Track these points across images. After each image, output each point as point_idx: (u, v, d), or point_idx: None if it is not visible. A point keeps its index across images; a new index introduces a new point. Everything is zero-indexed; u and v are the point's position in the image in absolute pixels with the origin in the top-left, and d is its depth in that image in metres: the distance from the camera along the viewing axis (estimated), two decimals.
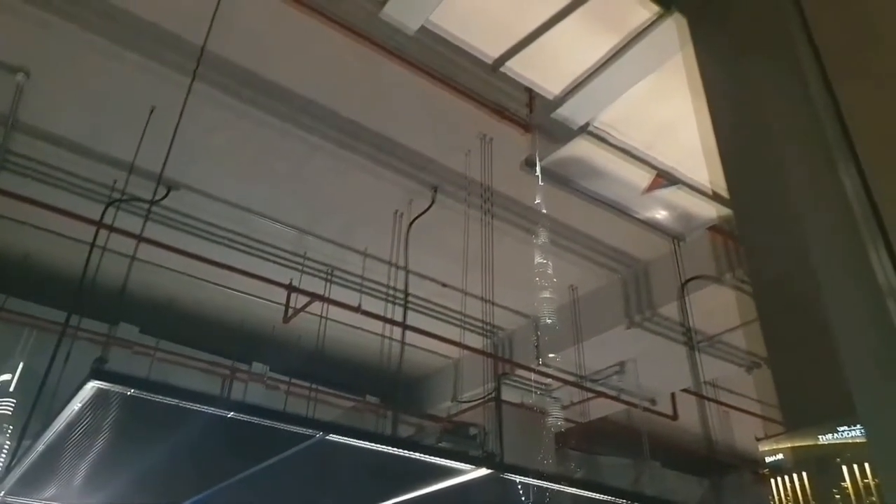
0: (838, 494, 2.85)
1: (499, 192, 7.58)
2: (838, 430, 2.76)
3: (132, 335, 9.38)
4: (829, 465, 2.87)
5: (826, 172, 2.92)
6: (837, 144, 2.84)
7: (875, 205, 2.73)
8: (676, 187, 6.05)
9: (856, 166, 2.84)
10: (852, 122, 2.83)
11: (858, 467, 2.73)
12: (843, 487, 2.83)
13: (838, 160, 2.88)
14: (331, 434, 4.88)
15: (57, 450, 5.38)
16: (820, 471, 2.96)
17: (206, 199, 8.10)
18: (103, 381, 4.13)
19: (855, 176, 2.83)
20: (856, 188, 2.81)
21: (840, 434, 2.79)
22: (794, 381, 3.10)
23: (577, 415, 10.96)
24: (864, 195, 2.78)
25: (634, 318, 9.08)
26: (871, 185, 2.77)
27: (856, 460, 2.74)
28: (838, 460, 2.81)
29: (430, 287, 9.45)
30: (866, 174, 2.79)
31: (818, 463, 3.00)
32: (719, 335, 9.49)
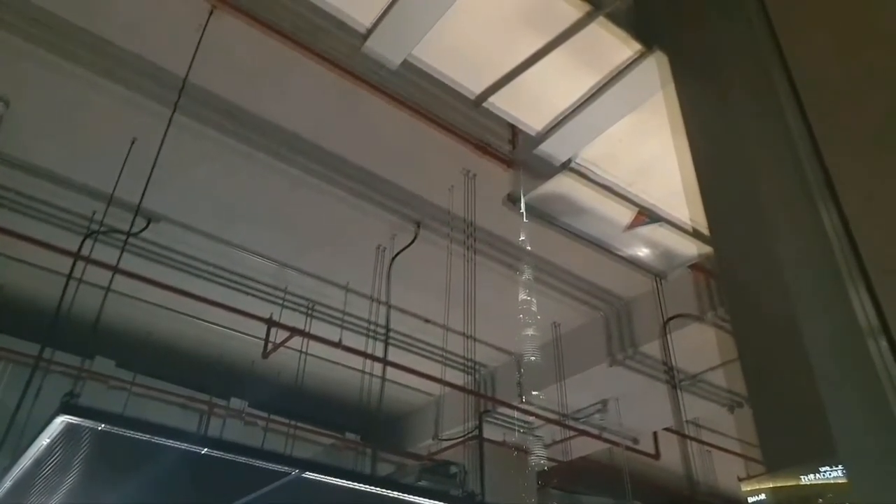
0: None
1: (482, 228, 7.61)
2: (820, 470, 2.75)
3: (108, 369, 9.19)
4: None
5: (806, 212, 2.96)
6: (818, 184, 2.89)
7: (855, 245, 2.76)
8: (658, 224, 6.11)
9: (836, 206, 2.88)
10: (832, 160, 2.88)
11: None
12: None
13: (818, 199, 2.92)
14: (307, 472, 4.78)
15: (25, 486, 5.20)
16: None
17: (186, 231, 8.04)
18: (73, 416, 4.02)
19: (835, 215, 2.86)
20: (836, 228, 2.84)
21: (822, 474, 2.78)
22: (775, 422, 3.08)
23: (559, 453, 10.84)
24: (845, 235, 2.81)
25: (617, 356, 9.06)
26: (851, 225, 2.80)
27: (837, 501, 2.73)
28: (820, 501, 2.80)
29: (411, 322, 9.39)
30: (846, 214, 2.83)
31: (801, 503, 2.98)
32: (701, 374, 9.50)
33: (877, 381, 2.55)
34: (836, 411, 2.65)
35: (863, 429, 2.60)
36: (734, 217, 3.44)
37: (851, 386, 2.67)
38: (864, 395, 2.61)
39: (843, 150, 2.89)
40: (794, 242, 3.01)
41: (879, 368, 2.53)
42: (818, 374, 2.74)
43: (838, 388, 2.68)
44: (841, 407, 2.65)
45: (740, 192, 3.38)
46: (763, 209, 3.22)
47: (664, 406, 9.27)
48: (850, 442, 2.58)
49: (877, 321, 2.56)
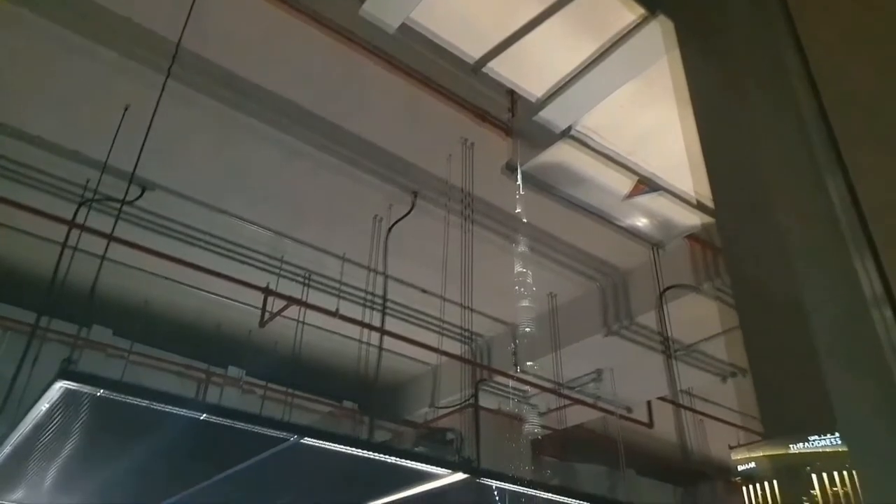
0: (807, 501, 2.86)
1: (479, 198, 7.57)
2: (809, 439, 2.78)
3: (105, 338, 9.20)
4: (800, 473, 2.88)
5: (812, 180, 2.93)
6: (825, 152, 2.86)
7: (862, 213, 2.74)
8: (658, 194, 6.09)
9: (843, 175, 2.85)
10: (840, 129, 2.84)
11: (828, 476, 2.75)
12: (812, 495, 2.84)
13: (825, 168, 2.89)
14: (305, 437, 4.82)
15: (25, 452, 5.25)
16: (791, 479, 2.97)
17: (182, 200, 7.99)
18: (71, 381, 4.03)
19: (842, 184, 2.83)
20: (842, 197, 2.81)
21: (811, 443, 2.81)
22: (775, 391, 3.10)
23: (554, 422, 10.96)
24: (851, 204, 2.79)
25: (612, 326, 9.12)
26: (858, 193, 2.77)
27: (826, 469, 2.76)
28: (808, 469, 2.83)
29: (408, 293, 9.41)
30: (854, 182, 2.79)
31: (789, 471, 3.01)
32: (696, 344, 9.57)
33: (879, 351, 2.56)
34: (837, 381, 2.66)
35: (863, 399, 2.61)
36: (738, 185, 3.42)
37: (853, 356, 2.68)
38: (866, 365, 2.62)
39: (853, 118, 2.86)
40: (799, 211, 3.00)
41: (883, 338, 2.53)
42: (819, 343, 2.74)
43: (839, 357, 2.69)
44: (841, 376, 2.67)
45: (745, 161, 3.35)
46: (768, 178, 3.19)
47: (658, 376, 9.36)
48: (849, 412, 2.60)
49: (882, 290, 2.56)
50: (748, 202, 3.31)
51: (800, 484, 2.90)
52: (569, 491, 6.61)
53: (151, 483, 6.51)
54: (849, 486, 2.76)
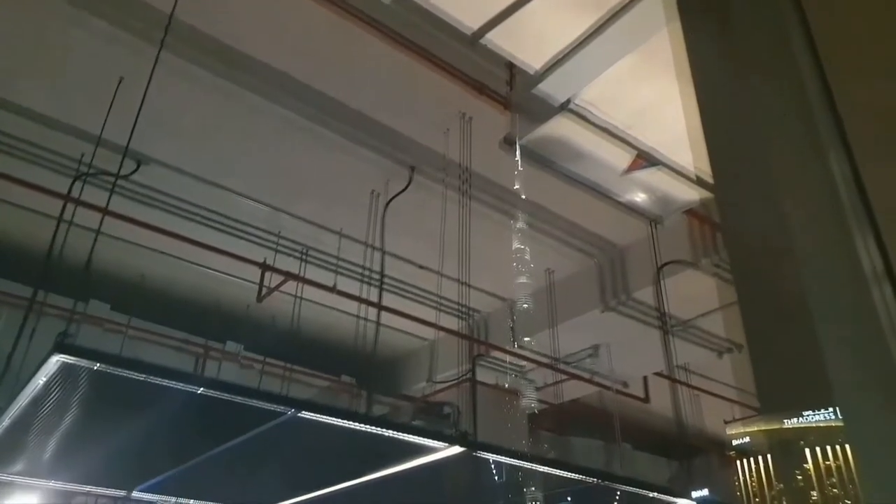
0: (800, 476, 2.89)
1: (477, 174, 7.52)
2: (803, 414, 2.79)
3: (103, 312, 9.20)
4: (793, 447, 2.90)
5: (814, 156, 2.90)
6: (828, 128, 2.82)
7: (864, 189, 2.71)
8: (657, 168, 6.04)
9: (846, 151, 2.82)
10: (844, 104, 2.80)
11: (821, 450, 2.76)
12: (805, 469, 2.86)
13: (828, 143, 2.86)
14: (303, 411, 4.84)
15: (23, 425, 5.28)
16: (784, 453, 2.99)
17: (178, 174, 7.93)
18: (68, 355, 4.03)
19: (844, 161, 2.80)
20: (844, 173, 2.79)
21: (805, 418, 2.82)
22: (772, 366, 3.09)
23: (551, 396, 11.04)
24: (853, 179, 2.76)
25: (609, 302, 9.14)
26: (860, 169, 2.74)
27: (819, 443, 2.77)
28: (802, 443, 2.84)
29: (406, 268, 9.40)
30: (857, 158, 2.76)
31: (783, 446, 3.03)
32: (692, 320, 9.61)
33: (878, 327, 2.55)
34: (835, 357, 2.66)
35: (861, 375, 2.62)
36: (738, 160, 3.38)
37: (852, 332, 2.67)
38: (864, 342, 2.62)
39: (857, 93, 2.82)
40: (800, 187, 2.97)
41: (882, 314, 2.53)
42: (818, 319, 2.74)
43: (838, 334, 2.69)
44: (840, 352, 2.67)
45: (746, 135, 3.30)
46: (769, 152, 3.16)
47: (655, 351, 9.40)
48: (847, 388, 2.60)
49: (882, 267, 2.54)
50: (748, 177, 3.28)
51: (793, 458, 2.92)
52: (565, 464, 6.68)
53: (150, 457, 6.56)
54: (841, 461, 2.78)
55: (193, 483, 7.25)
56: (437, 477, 6.58)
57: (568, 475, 6.40)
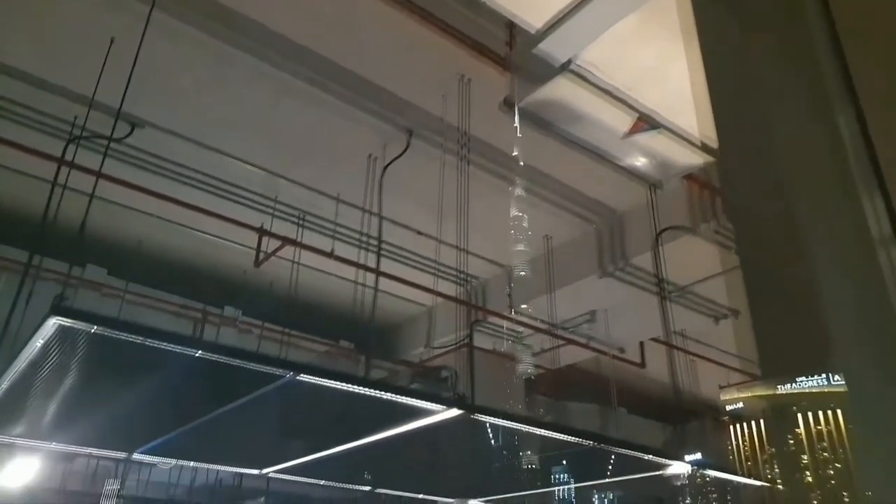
0: (792, 440, 2.90)
1: (476, 138, 7.44)
2: (797, 380, 2.78)
3: (100, 277, 9.19)
4: (786, 412, 2.91)
5: (823, 117, 2.85)
6: (837, 87, 2.76)
7: (873, 151, 2.67)
8: (657, 131, 5.97)
9: (854, 110, 2.76)
10: (854, 62, 2.74)
11: (813, 415, 2.77)
12: (797, 434, 2.87)
13: (836, 104, 2.80)
14: (301, 374, 4.85)
15: (23, 388, 5.29)
16: (777, 418, 3.00)
17: (173, 138, 7.83)
18: (64, 318, 4.02)
19: (853, 121, 2.75)
20: (853, 133, 2.74)
21: (798, 384, 2.82)
22: (774, 331, 3.08)
23: (548, 362, 11.12)
24: (862, 141, 2.71)
25: (607, 268, 9.14)
26: (870, 130, 2.69)
27: (811, 408, 2.78)
28: (794, 408, 2.85)
29: (403, 234, 9.37)
30: (866, 118, 2.71)
31: (775, 411, 3.04)
32: (690, 286, 9.63)
33: (883, 291, 2.53)
34: (838, 321, 2.64)
35: (864, 339, 2.61)
36: (744, 121, 3.32)
37: (856, 296, 2.66)
38: (868, 305, 2.60)
39: (867, 50, 2.75)
40: (807, 148, 2.93)
41: (888, 277, 2.51)
42: (822, 283, 2.72)
43: (842, 297, 2.67)
44: (843, 317, 2.65)
45: (752, 96, 3.24)
46: (776, 113, 3.10)
47: (651, 317, 9.42)
48: (850, 352, 2.59)
49: (889, 230, 2.51)
50: (753, 138, 3.22)
51: (785, 423, 2.93)
52: (561, 427, 6.74)
53: (151, 420, 6.61)
54: (832, 425, 2.79)
55: (193, 445, 7.31)
56: (435, 440, 6.64)
57: (564, 438, 6.46)
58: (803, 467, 2.78)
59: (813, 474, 2.77)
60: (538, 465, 8.58)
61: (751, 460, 9.03)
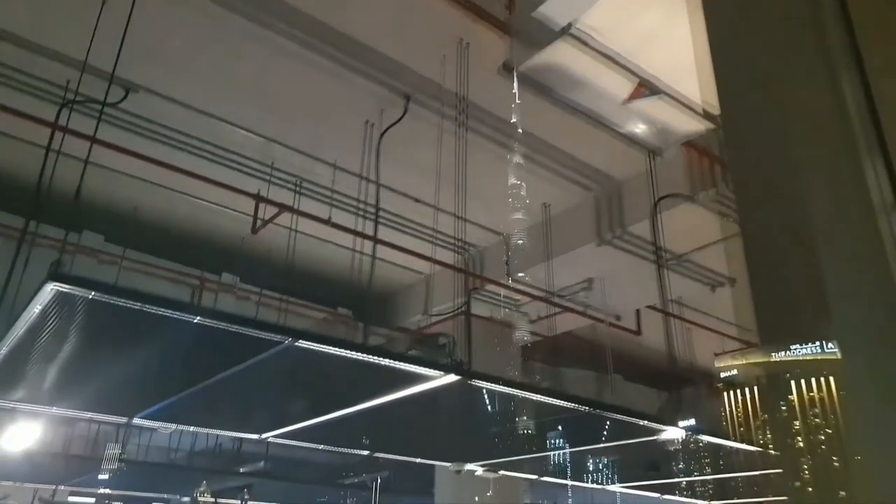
0: (784, 406, 2.93)
1: (474, 104, 7.37)
2: (791, 347, 2.80)
3: (97, 243, 9.17)
4: (779, 380, 2.93)
5: (827, 83, 2.81)
6: (842, 48, 2.72)
7: (877, 118, 2.64)
8: (658, 98, 5.90)
9: (860, 77, 2.72)
10: (860, 23, 2.69)
11: (806, 382, 2.80)
12: (789, 400, 2.91)
13: (841, 70, 2.76)
14: (300, 340, 4.87)
15: (22, 354, 5.32)
16: (770, 385, 3.02)
17: (168, 102, 7.74)
18: (62, 283, 4.02)
19: (857, 85, 2.71)
20: (858, 100, 2.71)
21: (792, 352, 2.84)
22: (773, 298, 3.08)
23: (544, 329, 11.20)
24: (867, 107, 2.68)
25: (605, 235, 9.14)
26: (875, 97, 2.66)
27: (804, 376, 2.80)
28: (788, 376, 2.88)
29: (401, 202, 9.34)
30: (871, 85, 2.68)
31: (769, 378, 3.06)
32: (687, 254, 9.65)
33: (882, 258, 2.53)
34: (836, 288, 2.65)
35: (863, 308, 2.62)
36: (747, 86, 3.28)
37: (855, 263, 2.66)
38: (866, 273, 2.60)
39: (875, 16, 2.71)
40: (811, 112, 2.90)
41: (888, 244, 2.51)
42: (822, 250, 2.72)
43: (841, 265, 2.67)
44: (841, 284, 2.66)
45: (756, 60, 3.20)
46: (780, 78, 3.06)
47: (648, 285, 9.47)
48: (847, 319, 2.60)
49: (891, 197, 2.50)
50: (756, 103, 3.19)
51: (778, 390, 2.96)
52: (557, 393, 6.81)
53: (151, 385, 6.66)
54: (825, 392, 2.82)
55: (193, 411, 7.39)
56: (433, 406, 6.72)
57: (560, 403, 6.54)
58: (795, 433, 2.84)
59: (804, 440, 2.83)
60: (534, 430, 8.69)
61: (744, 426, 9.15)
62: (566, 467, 10.99)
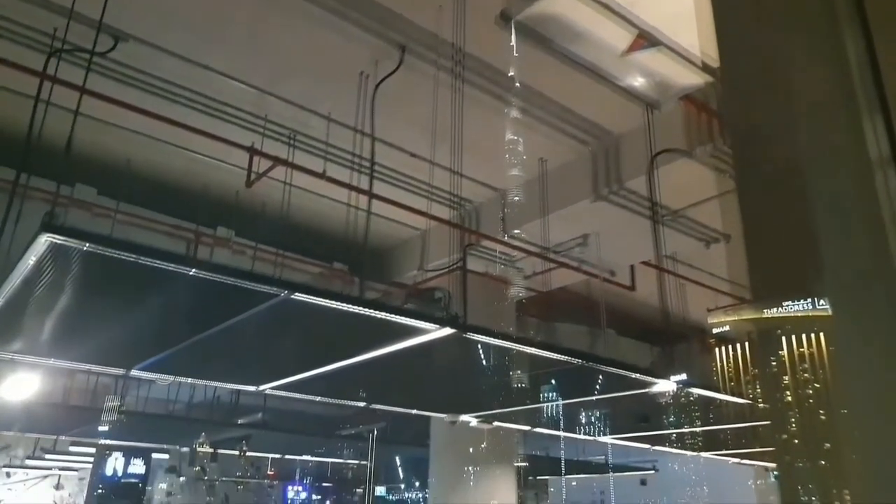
0: (774, 361, 2.96)
1: (471, 55, 7.23)
2: (783, 304, 2.82)
3: (90, 196, 9.10)
4: (770, 335, 2.96)
5: (830, 39, 2.76)
6: (846, 4, 2.67)
7: (879, 74, 2.60)
8: (657, 49, 5.81)
9: (864, 31, 2.67)
10: None
11: (796, 338, 2.82)
12: (780, 356, 2.94)
13: (845, 25, 2.71)
14: (297, 293, 4.90)
15: (18, 305, 5.34)
16: (761, 341, 3.05)
17: (159, 52, 7.57)
18: (56, 234, 4.00)
19: (860, 39, 2.67)
20: (860, 56, 2.66)
21: (785, 308, 2.86)
22: (766, 254, 3.09)
23: (539, 285, 11.27)
24: (868, 63, 2.64)
25: (601, 191, 9.11)
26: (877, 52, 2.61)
27: (795, 332, 2.82)
28: (778, 331, 2.90)
29: (396, 156, 9.26)
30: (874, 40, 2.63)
31: (760, 334, 3.09)
32: (683, 210, 9.66)
33: (878, 214, 2.53)
34: (830, 245, 2.65)
35: (855, 264, 2.62)
36: (747, 39, 3.22)
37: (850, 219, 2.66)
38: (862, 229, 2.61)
39: None
40: (811, 69, 2.86)
41: (882, 200, 2.51)
42: (817, 205, 2.72)
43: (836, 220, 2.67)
44: (835, 241, 2.66)
45: (757, 12, 3.14)
46: (780, 32, 3.01)
47: (643, 241, 9.49)
48: (838, 276, 2.62)
49: (889, 152, 2.49)
50: (756, 55, 3.14)
51: (769, 345, 2.99)
52: (550, 346, 6.90)
53: (148, 338, 6.71)
54: (815, 348, 2.86)
55: (191, 363, 7.47)
56: (428, 359, 6.81)
57: (553, 356, 6.63)
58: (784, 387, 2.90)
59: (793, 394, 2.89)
60: (528, 383, 8.83)
61: (734, 381, 9.30)
62: (559, 419, 11.22)
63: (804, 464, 2.75)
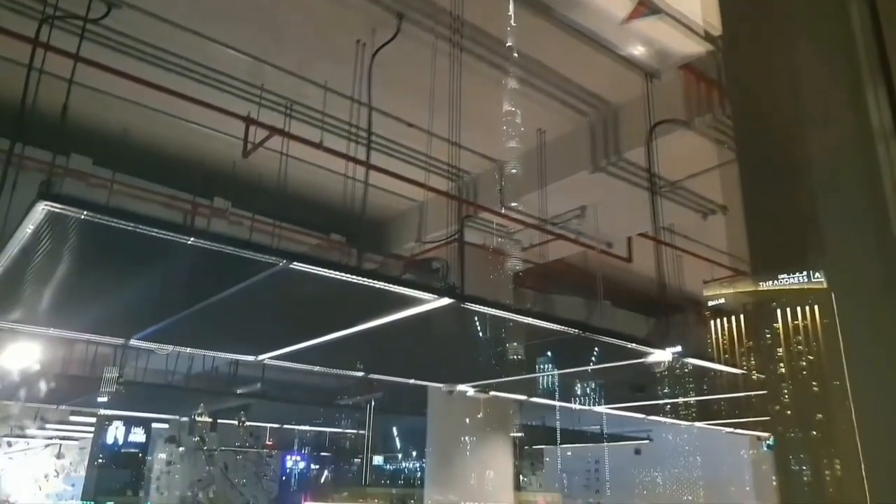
0: (769, 333, 2.99)
1: (469, 23, 7.14)
2: (778, 277, 2.84)
3: (86, 167, 9.03)
4: (765, 308, 2.98)
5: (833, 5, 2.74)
6: None
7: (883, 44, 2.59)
8: (657, 17, 5.73)
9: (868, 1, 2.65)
10: None
11: (791, 310, 2.85)
12: (774, 328, 2.96)
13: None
14: (295, 262, 4.90)
15: (16, 274, 5.34)
16: (756, 313, 3.08)
17: (153, 20, 7.45)
18: (53, 202, 3.99)
19: (865, 10, 2.65)
20: (864, 26, 2.64)
21: (780, 281, 2.88)
22: (766, 226, 3.10)
23: (536, 256, 11.29)
24: (873, 33, 2.62)
25: (599, 162, 9.07)
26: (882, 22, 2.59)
27: (790, 304, 2.85)
28: (774, 304, 2.92)
29: (394, 127, 9.19)
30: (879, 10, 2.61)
31: (755, 306, 3.11)
32: (681, 181, 9.63)
33: (879, 186, 2.53)
34: (830, 217, 2.66)
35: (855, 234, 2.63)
36: (750, 6, 3.19)
37: (851, 189, 2.66)
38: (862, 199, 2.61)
39: None
40: (815, 40, 2.83)
41: (884, 171, 2.50)
42: (818, 178, 2.71)
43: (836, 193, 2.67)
44: (835, 213, 2.66)
45: None
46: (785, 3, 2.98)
47: (640, 212, 9.47)
48: (838, 248, 2.62)
49: (891, 123, 2.48)
50: (759, 24, 3.11)
51: (764, 318, 3.02)
52: (547, 316, 6.94)
53: (147, 307, 6.73)
54: (808, 320, 2.88)
55: (190, 332, 7.51)
56: (426, 329, 6.84)
57: (549, 326, 6.67)
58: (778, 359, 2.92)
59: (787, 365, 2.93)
60: (524, 353, 8.90)
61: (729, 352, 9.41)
62: (555, 389, 11.33)
63: (797, 433, 2.80)
